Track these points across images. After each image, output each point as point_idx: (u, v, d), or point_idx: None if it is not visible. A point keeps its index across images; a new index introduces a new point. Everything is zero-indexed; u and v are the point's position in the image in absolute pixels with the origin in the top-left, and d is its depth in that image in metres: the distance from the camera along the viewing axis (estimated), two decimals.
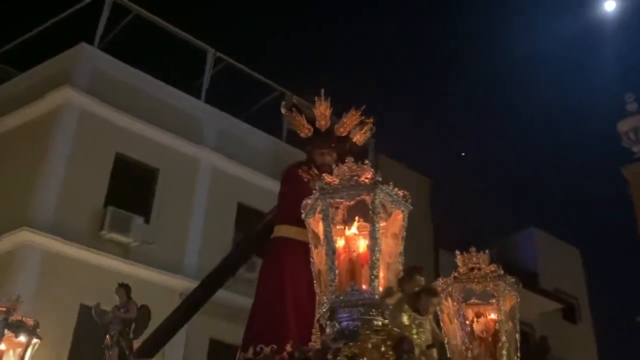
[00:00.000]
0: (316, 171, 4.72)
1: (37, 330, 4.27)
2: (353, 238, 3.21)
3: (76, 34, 13.78)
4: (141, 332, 4.34)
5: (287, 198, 4.71)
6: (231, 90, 15.34)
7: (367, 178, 3.15)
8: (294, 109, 4.78)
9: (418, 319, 2.72)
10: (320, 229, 3.28)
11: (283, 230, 4.60)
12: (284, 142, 15.62)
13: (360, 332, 2.82)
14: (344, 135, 4.70)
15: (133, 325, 4.27)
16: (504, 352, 3.48)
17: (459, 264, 3.78)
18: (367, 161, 3.24)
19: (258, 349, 3.87)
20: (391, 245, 3.20)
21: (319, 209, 3.26)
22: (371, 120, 4.71)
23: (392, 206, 3.22)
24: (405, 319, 2.70)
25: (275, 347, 3.75)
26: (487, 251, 3.73)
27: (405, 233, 3.25)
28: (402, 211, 3.28)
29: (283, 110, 5.11)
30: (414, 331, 2.69)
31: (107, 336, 4.25)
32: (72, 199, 12.35)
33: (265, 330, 4.16)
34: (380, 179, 3.14)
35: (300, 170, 4.76)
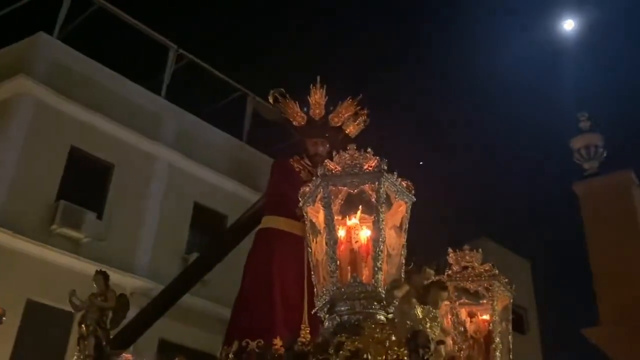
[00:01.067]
0: (308, 162, 4.55)
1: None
2: (354, 228, 3.03)
3: (36, 23, 13.26)
4: (119, 322, 4.06)
5: (277, 189, 4.52)
6: (192, 88, 15.00)
7: (370, 166, 2.99)
8: (287, 97, 4.56)
9: (432, 312, 2.55)
10: (320, 217, 3.10)
11: (272, 222, 4.41)
12: (244, 143, 15.34)
13: (364, 325, 2.65)
14: (338, 125, 4.51)
15: (110, 315, 3.98)
16: (498, 353, 3.34)
17: (452, 262, 3.64)
18: (369, 149, 3.07)
19: (244, 343, 3.65)
20: (393, 237, 3.04)
21: (319, 196, 3.08)
22: (366, 112, 4.53)
23: (397, 196, 3.07)
24: (419, 312, 2.53)
25: (262, 341, 3.56)
26: (479, 250, 3.61)
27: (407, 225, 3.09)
28: (406, 202, 3.13)
29: (271, 99, 4.90)
30: (428, 325, 2.52)
31: (82, 325, 3.94)
32: (23, 192, 11.85)
33: (252, 324, 3.95)
34: (385, 168, 2.98)
35: (291, 161, 4.55)
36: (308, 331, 3.76)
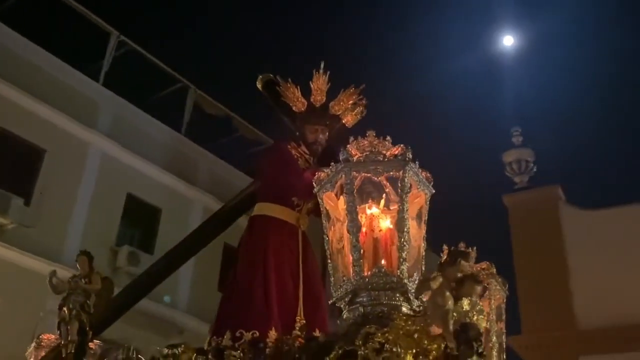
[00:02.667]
0: (305, 149, 4.34)
1: None
2: (375, 217, 2.88)
3: None
4: (103, 306, 3.75)
5: (273, 175, 4.27)
6: (132, 77, 14.41)
7: (393, 154, 2.84)
8: (288, 83, 4.34)
9: (479, 305, 2.43)
10: (340, 204, 2.93)
11: (266, 209, 4.19)
12: (183, 136, 14.91)
13: (392, 317, 2.50)
14: (337, 114, 4.33)
15: (93, 299, 3.67)
16: (494, 352, 3.26)
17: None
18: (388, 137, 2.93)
19: (238, 334, 3.42)
20: (415, 228, 2.91)
21: (339, 182, 2.91)
22: (364, 102, 4.37)
23: (418, 187, 2.94)
24: (465, 305, 2.40)
25: (257, 333, 3.35)
26: (474, 248, 3.52)
27: (427, 217, 2.98)
28: (425, 194, 3.01)
29: (259, 85, 4.68)
30: (475, 318, 2.39)
31: (64, 309, 3.64)
32: None
33: (246, 314, 3.72)
34: (410, 156, 2.86)
35: (289, 147, 4.33)
36: (304, 323, 3.55)
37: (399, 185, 2.84)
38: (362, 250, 2.76)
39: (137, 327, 12.12)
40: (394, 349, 2.38)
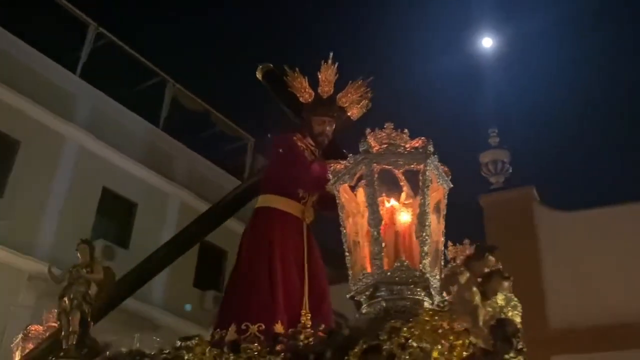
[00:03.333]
0: (311, 141, 4.26)
1: None
2: (396, 210, 2.84)
3: None
4: (104, 297, 3.67)
5: (279, 166, 4.20)
6: (110, 70, 14.17)
7: (414, 147, 2.80)
8: (296, 72, 4.29)
9: (513, 300, 2.41)
10: (359, 196, 2.88)
11: (271, 201, 4.11)
12: (160, 130, 14.72)
13: (416, 312, 2.47)
14: (343, 106, 4.28)
15: (94, 289, 3.57)
16: None
17: (453, 256, 3.54)
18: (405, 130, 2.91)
19: (243, 326, 3.36)
20: (434, 222, 2.88)
21: (359, 173, 2.86)
22: (370, 95, 4.31)
23: (438, 180, 2.91)
24: (500, 300, 2.37)
25: (263, 325, 3.31)
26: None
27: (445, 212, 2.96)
28: (444, 188, 2.97)
29: (259, 75, 4.61)
30: (510, 314, 2.37)
31: (65, 299, 3.52)
32: None
33: (251, 307, 3.63)
34: (432, 149, 2.82)
35: (295, 138, 4.25)
36: (309, 317, 3.56)
37: (421, 178, 2.80)
38: (383, 244, 2.71)
39: (111, 321, 11.97)
40: (420, 345, 2.34)
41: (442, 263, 2.88)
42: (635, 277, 10.20)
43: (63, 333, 3.48)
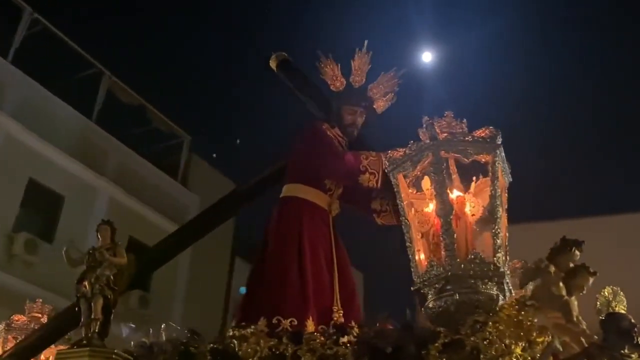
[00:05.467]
0: (339, 132, 4.03)
1: None
2: (465, 200, 2.70)
3: None
4: (124, 285, 3.33)
5: (309, 155, 3.93)
6: (44, 58, 13.56)
7: (482, 136, 2.67)
8: (329, 58, 4.07)
9: (619, 294, 2.31)
10: (425, 185, 2.74)
11: (299, 190, 3.89)
12: (93, 123, 14.19)
13: (495, 307, 2.36)
14: (374, 98, 4.09)
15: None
16: None
17: None
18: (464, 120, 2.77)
19: (274, 321, 3.16)
20: (503, 215, 2.75)
21: (427, 161, 2.70)
22: (396, 89, 4.13)
23: (503, 173, 2.77)
24: (607, 293, 2.28)
25: (295, 320, 3.16)
26: None
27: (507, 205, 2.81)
28: (506, 181, 2.85)
29: (273, 65, 4.38)
30: (617, 308, 2.27)
31: (85, 283, 3.19)
32: None
33: (283, 301, 3.41)
34: (501, 140, 2.68)
35: (324, 127, 4.01)
36: (341, 314, 3.40)
37: (490, 169, 2.67)
38: (455, 235, 2.55)
39: None
40: (504, 340, 2.22)
41: (508, 257, 2.73)
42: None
43: (83, 320, 3.15)
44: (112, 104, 14.55)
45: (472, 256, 2.59)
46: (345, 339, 2.58)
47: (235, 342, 2.66)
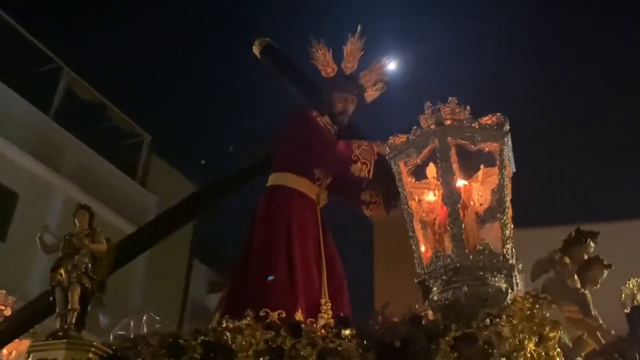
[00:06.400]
0: (329, 120, 3.89)
1: None
2: (472, 189, 2.60)
3: None
4: (104, 273, 3.11)
5: (298, 143, 3.79)
6: (1, 51, 13.09)
7: (489, 123, 2.56)
8: (320, 44, 3.94)
9: None
10: (429, 172, 2.64)
11: (287, 179, 3.75)
12: (51, 120, 13.77)
13: (501, 300, 2.29)
14: (365, 86, 3.97)
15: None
16: None
17: None
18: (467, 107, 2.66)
19: (262, 313, 3.02)
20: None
21: (430, 147, 2.58)
22: (387, 78, 4.02)
23: (509, 161, 2.68)
24: (631, 284, 2.19)
25: (283, 313, 3.05)
26: None
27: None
28: (511, 170, 2.76)
29: (256, 51, 4.22)
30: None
31: (61, 271, 2.97)
32: None
33: (270, 292, 3.27)
34: (509, 127, 2.57)
35: (313, 115, 3.86)
36: (329, 307, 3.30)
37: (498, 157, 2.57)
38: (463, 225, 2.42)
39: None
40: (516, 335, 2.13)
41: (514, 250, 2.60)
42: None
43: (58, 310, 2.95)
44: (71, 100, 14.16)
45: (481, 247, 2.48)
46: (347, 332, 2.47)
47: (229, 334, 2.51)
